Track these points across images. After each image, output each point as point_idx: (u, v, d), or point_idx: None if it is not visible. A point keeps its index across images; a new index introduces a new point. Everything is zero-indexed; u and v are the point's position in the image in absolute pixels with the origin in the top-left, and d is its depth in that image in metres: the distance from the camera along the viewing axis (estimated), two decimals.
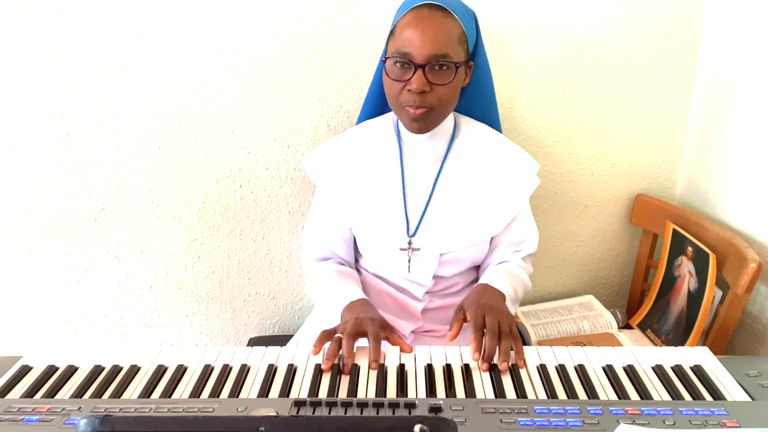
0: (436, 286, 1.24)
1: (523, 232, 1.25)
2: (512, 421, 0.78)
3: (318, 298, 1.24)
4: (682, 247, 1.42)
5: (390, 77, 1.08)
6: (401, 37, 1.06)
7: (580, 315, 1.56)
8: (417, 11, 1.06)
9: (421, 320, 1.24)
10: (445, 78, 1.06)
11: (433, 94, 1.07)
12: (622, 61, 1.47)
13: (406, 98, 1.08)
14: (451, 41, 1.06)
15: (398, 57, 1.06)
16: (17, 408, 0.83)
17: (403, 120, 1.13)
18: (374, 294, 1.26)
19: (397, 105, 1.11)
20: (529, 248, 1.26)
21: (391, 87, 1.09)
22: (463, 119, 1.24)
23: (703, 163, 1.52)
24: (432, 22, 1.05)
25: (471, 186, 1.19)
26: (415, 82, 1.05)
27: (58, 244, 1.48)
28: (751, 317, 1.40)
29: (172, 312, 1.60)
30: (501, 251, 1.25)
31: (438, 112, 1.11)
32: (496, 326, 0.96)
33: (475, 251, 1.22)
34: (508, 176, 1.21)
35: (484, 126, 1.25)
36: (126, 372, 0.93)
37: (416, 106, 1.07)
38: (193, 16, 1.32)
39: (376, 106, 1.28)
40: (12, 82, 1.31)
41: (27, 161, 1.38)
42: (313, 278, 1.27)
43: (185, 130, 1.41)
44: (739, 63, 1.37)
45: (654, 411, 0.80)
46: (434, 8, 1.06)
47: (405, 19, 1.07)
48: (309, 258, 1.30)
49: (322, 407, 0.81)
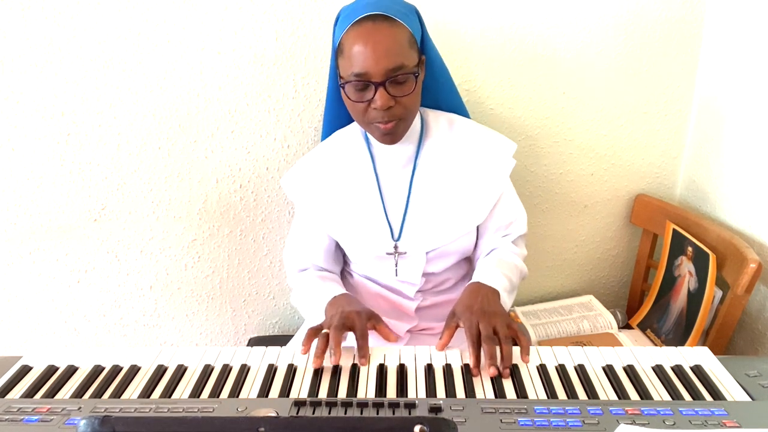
0: (428, 284, 1.24)
1: (510, 214, 1.22)
2: (512, 421, 0.78)
3: (302, 304, 1.23)
4: (682, 247, 1.42)
5: (352, 99, 1.06)
6: (352, 57, 1.02)
7: (580, 315, 1.56)
8: (361, 26, 1.02)
9: (416, 319, 1.24)
10: (407, 89, 1.05)
11: (399, 105, 1.05)
12: (622, 61, 1.47)
13: (373, 116, 1.06)
14: (403, 50, 1.03)
15: (355, 79, 1.03)
16: (17, 408, 0.83)
17: (374, 135, 1.12)
18: (367, 296, 1.26)
19: (364, 123, 1.10)
20: (518, 229, 1.23)
21: (355, 107, 1.08)
22: (430, 114, 1.22)
23: (703, 163, 1.52)
24: (380, 35, 1.01)
25: (447, 179, 1.18)
26: (380, 100, 1.03)
27: (58, 244, 1.48)
28: (751, 317, 1.40)
29: (172, 312, 1.60)
30: (490, 237, 1.22)
31: (407, 120, 1.10)
32: (491, 332, 0.94)
33: (462, 243, 1.20)
34: (484, 162, 1.19)
35: (452, 116, 1.23)
36: (126, 372, 0.93)
37: (385, 121, 1.06)
38: (193, 16, 1.32)
39: (337, 120, 1.26)
40: (12, 82, 1.31)
41: (27, 161, 1.38)
42: (295, 288, 1.26)
43: (185, 130, 1.41)
44: (739, 63, 1.37)
45: (654, 411, 0.80)
46: (378, 19, 1.02)
47: (350, 36, 1.03)
48: (291, 270, 1.30)
49: (322, 407, 0.81)
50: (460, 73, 1.43)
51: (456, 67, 1.42)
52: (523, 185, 1.56)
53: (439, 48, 1.19)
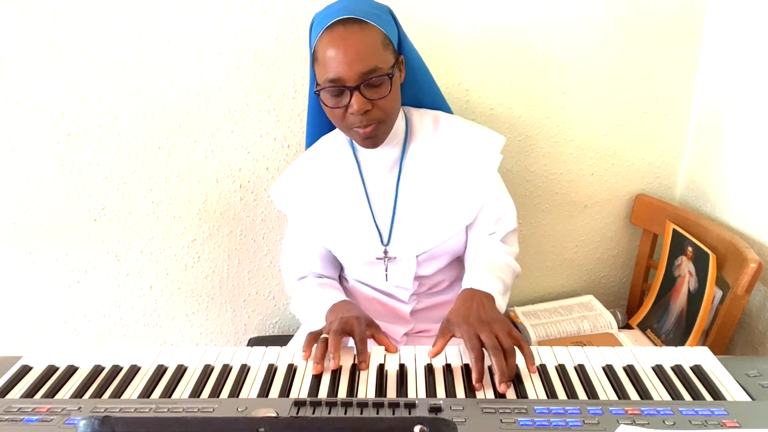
0: (421, 287, 1.23)
1: (498, 210, 1.19)
2: (512, 421, 0.78)
3: (302, 312, 1.22)
4: (682, 247, 1.42)
5: (329, 106, 1.05)
6: (325, 63, 1.01)
7: (580, 315, 1.56)
8: (332, 31, 1.01)
9: (411, 322, 1.24)
10: (382, 91, 1.03)
11: (377, 108, 1.04)
12: (622, 61, 1.47)
13: (352, 120, 1.05)
14: (376, 52, 1.01)
15: (329, 85, 1.02)
16: (17, 408, 0.83)
17: (356, 140, 1.11)
18: (363, 300, 1.26)
19: (344, 128, 1.09)
20: (507, 225, 1.19)
21: (333, 114, 1.06)
22: (414, 113, 1.20)
23: (703, 163, 1.52)
24: (351, 39, 1.00)
25: (434, 180, 1.17)
26: (356, 105, 1.01)
27: (58, 244, 1.48)
28: (751, 317, 1.39)
29: (172, 312, 1.60)
30: (478, 234, 1.19)
31: (387, 123, 1.09)
32: (495, 341, 0.90)
33: (452, 243, 1.19)
34: (471, 159, 1.17)
35: (438, 114, 1.21)
36: (126, 372, 0.93)
37: (364, 125, 1.05)
38: (193, 16, 1.32)
39: (320, 127, 1.25)
40: (12, 82, 1.31)
41: (27, 161, 1.38)
42: (295, 296, 1.26)
43: (185, 130, 1.41)
44: (739, 63, 1.37)
45: (654, 411, 0.80)
46: (348, 23, 1.00)
47: (322, 41, 1.02)
48: (290, 279, 1.29)
49: (322, 407, 0.81)
50: (460, 73, 1.43)
51: (456, 67, 1.42)
52: (523, 185, 1.56)
53: (439, 48, 1.19)
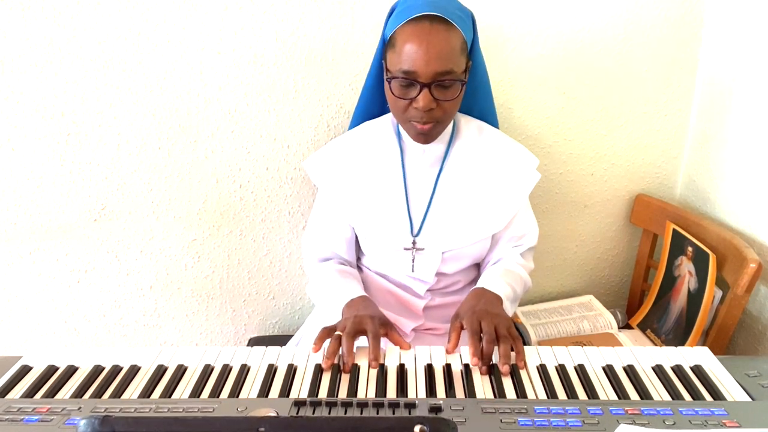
0: (438, 284, 1.25)
1: (524, 227, 1.25)
2: (512, 421, 0.78)
3: (319, 298, 1.24)
4: (682, 247, 1.42)
5: (395, 95, 1.07)
6: (403, 53, 1.03)
7: (580, 315, 1.56)
8: (418, 25, 1.02)
9: (422, 318, 1.25)
10: (451, 94, 1.06)
11: (440, 108, 1.06)
12: (622, 61, 1.47)
13: (413, 114, 1.07)
14: (454, 55, 1.03)
15: (402, 76, 1.03)
16: (17, 408, 0.83)
17: (410, 132, 1.13)
18: (376, 292, 1.26)
19: (403, 119, 1.11)
20: (529, 242, 1.26)
21: (396, 103, 1.08)
22: (462, 118, 1.24)
23: (703, 163, 1.52)
24: (436, 38, 1.01)
25: (472, 184, 1.20)
26: (422, 101, 1.04)
27: (58, 244, 1.48)
28: (751, 317, 1.40)
29: (172, 312, 1.60)
30: (502, 246, 1.25)
31: (444, 123, 1.11)
32: (493, 330, 0.95)
33: (477, 248, 1.22)
34: (508, 173, 1.21)
35: (482, 123, 1.25)
36: (126, 372, 0.93)
37: (423, 122, 1.07)
38: (193, 16, 1.32)
39: (371, 109, 1.27)
40: (12, 82, 1.31)
41: (27, 161, 1.38)
42: (314, 278, 1.27)
43: (185, 130, 1.41)
44: (739, 63, 1.37)
45: (654, 411, 0.80)
46: (435, 20, 1.02)
47: (405, 31, 1.03)
48: (311, 259, 1.30)
49: (322, 407, 0.81)
50: None
51: None
52: None
53: None
